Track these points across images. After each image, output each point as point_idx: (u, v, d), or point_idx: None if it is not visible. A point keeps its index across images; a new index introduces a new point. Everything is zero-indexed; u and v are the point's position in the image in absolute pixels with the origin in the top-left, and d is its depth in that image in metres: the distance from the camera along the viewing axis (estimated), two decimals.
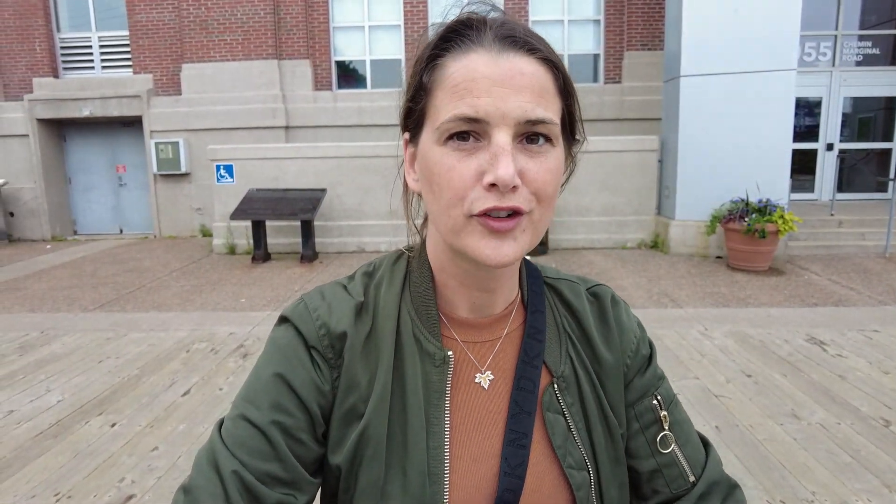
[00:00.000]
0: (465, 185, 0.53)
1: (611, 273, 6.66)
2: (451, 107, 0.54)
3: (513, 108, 0.52)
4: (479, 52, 0.54)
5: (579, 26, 10.10)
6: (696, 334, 4.56)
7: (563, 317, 0.72)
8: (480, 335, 0.67)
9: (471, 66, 0.54)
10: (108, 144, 10.66)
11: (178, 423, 3.22)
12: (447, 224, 0.56)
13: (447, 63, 0.56)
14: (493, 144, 0.53)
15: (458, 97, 0.53)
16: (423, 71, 0.57)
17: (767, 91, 7.06)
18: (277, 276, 6.87)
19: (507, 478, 0.61)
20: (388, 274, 0.69)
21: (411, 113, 0.60)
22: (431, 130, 0.56)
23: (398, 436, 0.61)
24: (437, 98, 0.56)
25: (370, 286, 0.68)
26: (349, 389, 0.63)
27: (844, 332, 4.54)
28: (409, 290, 0.67)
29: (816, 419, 3.14)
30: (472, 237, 0.55)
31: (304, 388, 0.62)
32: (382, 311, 0.65)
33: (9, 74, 10.36)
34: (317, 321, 0.64)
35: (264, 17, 9.81)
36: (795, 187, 9.19)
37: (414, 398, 0.62)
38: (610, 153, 8.04)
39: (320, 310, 0.66)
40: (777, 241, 6.65)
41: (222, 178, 8.33)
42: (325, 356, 0.63)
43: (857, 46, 9.67)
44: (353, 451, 0.61)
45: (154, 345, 4.52)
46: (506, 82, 0.53)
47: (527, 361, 0.66)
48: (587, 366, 0.69)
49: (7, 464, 2.81)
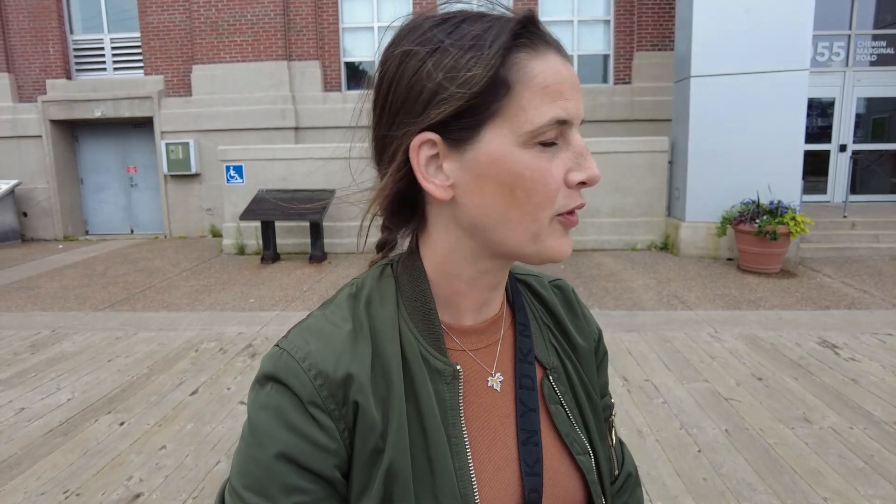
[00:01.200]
0: (559, 186, 0.55)
1: (620, 275, 6.62)
2: (544, 109, 0.52)
3: (581, 110, 0.56)
4: (553, 54, 0.54)
5: (589, 27, 10.06)
6: (706, 336, 4.52)
7: (538, 310, 0.73)
8: (482, 339, 0.66)
9: (555, 68, 0.53)
10: (120, 145, 10.76)
11: (186, 422, 3.23)
12: (530, 228, 0.55)
13: (526, 61, 0.52)
14: (575, 144, 0.55)
15: (550, 99, 0.52)
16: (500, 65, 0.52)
17: (779, 91, 6.99)
18: (286, 276, 6.90)
19: (529, 478, 0.61)
20: (377, 292, 0.63)
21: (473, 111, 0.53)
22: (512, 132, 0.52)
23: (422, 462, 0.57)
24: (523, 98, 0.52)
25: (358, 308, 0.61)
26: (366, 431, 0.56)
27: (857, 335, 4.48)
28: (405, 307, 0.62)
29: (828, 423, 3.10)
30: (552, 237, 0.56)
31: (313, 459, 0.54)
32: (381, 333, 0.60)
33: (23, 76, 10.48)
34: (309, 371, 0.55)
35: (274, 19, 9.86)
36: (808, 189, 9.10)
37: (432, 421, 0.58)
38: (619, 154, 8.00)
39: (311, 357, 0.56)
40: (788, 243, 6.58)
41: (232, 179, 8.38)
42: (327, 409, 0.55)
43: (871, 46, 9.56)
44: (381, 492, 0.56)
45: (163, 344, 4.54)
46: (577, 86, 0.55)
47: (522, 359, 0.66)
48: (569, 353, 0.71)
49: (17, 461, 2.84)
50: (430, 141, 0.55)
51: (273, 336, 4.67)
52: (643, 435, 3.03)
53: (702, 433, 3.03)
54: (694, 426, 3.11)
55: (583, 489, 0.65)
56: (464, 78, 0.51)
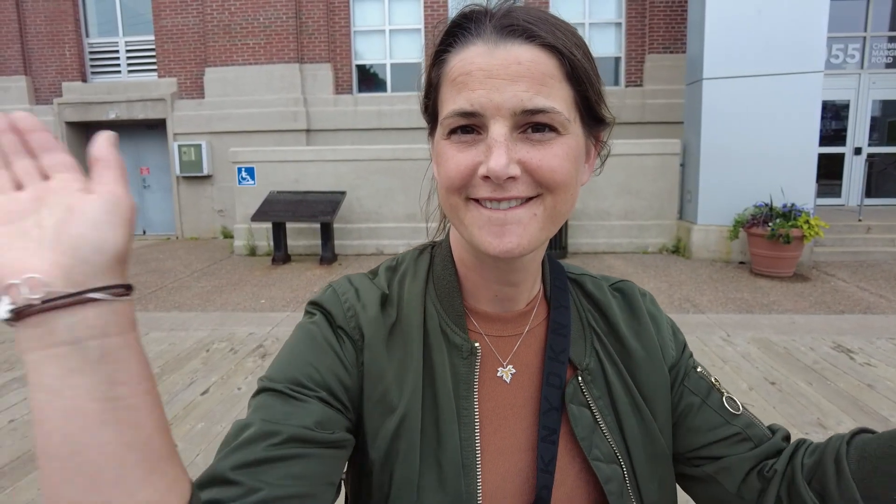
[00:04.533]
0: (462, 174, 0.54)
1: (631, 278, 6.55)
2: (451, 102, 0.54)
3: (507, 98, 0.51)
4: (476, 44, 0.54)
5: (600, 29, 10.04)
6: (718, 340, 4.47)
7: (587, 311, 0.71)
8: (504, 329, 0.67)
9: (468, 59, 0.54)
10: (133, 147, 10.87)
11: (197, 421, 3.25)
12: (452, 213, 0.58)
13: (449, 58, 0.56)
14: (489, 137, 0.53)
15: (456, 91, 0.54)
16: (432, 67, 0.58)
17: (793, 94, 6.92)
18: (297, 277, 6.93)
19: (543, 475, 0.61)
20: (412, 268, 0.70)
21: (426, 109, 0.62)
22: (440, 125, 0.57)
23: (430, 428, 0.61)
24: (442, 93, 0.57)
25: (394, 280, 0.69)
26: (376, 378, 0.62)
27: (873, 340, 4.42)
28: (433, 284, 0.67)
29: (843, 429, 3.05)
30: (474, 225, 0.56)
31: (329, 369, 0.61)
32: (408, 304, 0.66)
33: (39, 79, 10.63)
34: (345, 304, 0.65)
35: (286, 22, 9.93)
36: (822, 192, 8.99)
37: (444, 390, 0.62)
38: (631, 156, 7.96)
39: (348, 294, 0.66)
40: (802, 247, 6.51)
41: (244, 181, 8.43)
42: (351, 337, 0.63)
43: (886, 48, 9.45)
44: (388, 444, 0.60)
45: (174, 344, 4.57)
46: (500, 73, 0.52)
47: (553, 357, 0.66)
48: (615, 359, 0.69)
49: (32, 457, 2.86)
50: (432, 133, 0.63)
51: (283, 336, 4.69)
52: None
53: None
54: None
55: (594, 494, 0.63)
56: (421, 82, 0.62)
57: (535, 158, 0.53)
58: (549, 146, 0.53)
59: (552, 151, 0.53)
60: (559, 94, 0.53)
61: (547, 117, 0.52)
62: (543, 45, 0.53)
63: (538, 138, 0.53)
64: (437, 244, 0.72)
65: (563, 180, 0.54)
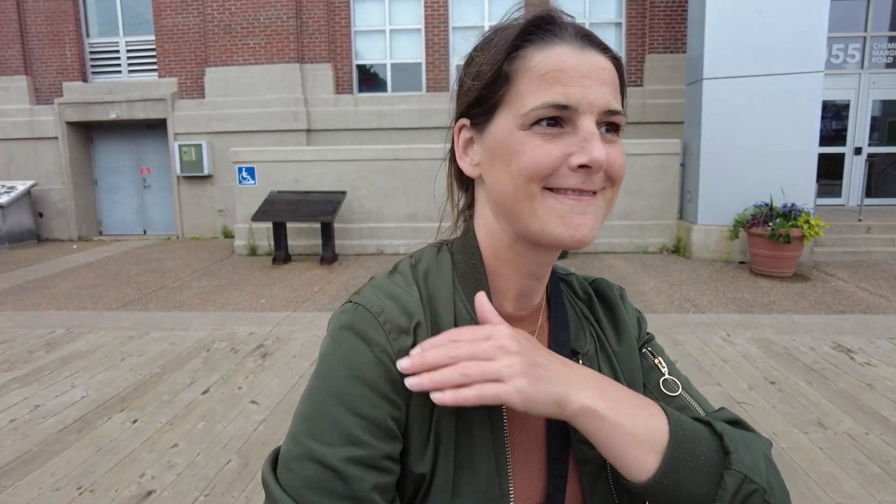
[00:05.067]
0: (554, 162, 0.56)
1: (632, 277, 6.58)
2: (540, 94, 0.56)
3: (598, 97, 0.57)
4: (563, 45, 0.58)
5: (601, 29, 10.03)
6: (719, 340, 4.48)
7: (578, 305, 0.76)
8: (522, 327, 0.68)
9: (559, 58, 0.57)
10: (134, 147, 10.88)
11: (198, 420, 3.26)
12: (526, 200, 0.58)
13: (531, 54, 0.58)
14: (582, 129, 0.56)
15: (547, 85, 0.56)
16: (504, 60, 0.59)
17: (793, 94, 6.92)
18: (297, 277, 6.93)
19: (559, 464, 0.65)
20: (435, 265, 0.68)
21: (484, 100, 0.61)
22: (514, 116, 0.58)
23: (463, 429, 0.61)
24: (521, 85, 0.58)
25: (419, 278, 0.66)
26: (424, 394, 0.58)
27: (873, 340, 4.42)
28: (459, 282, 0.66)
29: (843, 428, 3.06)
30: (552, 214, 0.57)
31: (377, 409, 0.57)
32: (438, 303, 0.64)
33: (40, 79, 10.64)
34: (385, 325, 0.59)
35: (287, 22, 9.93)
36: (822, 192, 8.99)
37: None
38: (631, 156, 7.95)
39: (386, 312, 0.60)
40: (802, 247, 6.51)
41: (244, 181, 8.44)
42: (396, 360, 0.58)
43: (886, 48, 9.45)
44: (433, 452, 0.59)
45: (175, 343, 4.58)
46: (591, 75, 0.57)
47: (558, 350, 0.68)
48: (605, 347, 0.73)
49: (32, 457, 2.87)
50: (465, 125, 0.65)
51: (284, 336, 4.70)
52: None
53: None
54: None
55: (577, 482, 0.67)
56: (475, 73, 0.61)
57: (611, 154, 0.58)
58: (618, 145, 0.60)
59: (620, 150, 0.60)
60: (620, 100, 0.61)
61: (619, 118, 0.59)
62: (612, 59, 0.60)
63: (610, 137, 0.59)
64: (451, 242, 0.71)
65: (623, 175, 0.61)
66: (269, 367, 4.06)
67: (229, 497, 2.53)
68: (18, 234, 9.93)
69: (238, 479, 2.66)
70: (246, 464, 2.80)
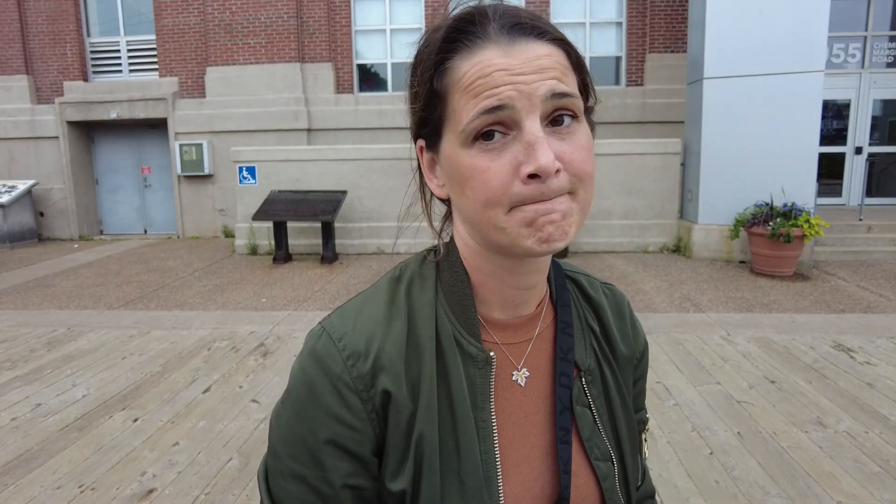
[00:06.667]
0: (504, 182, 0.51)
1: (632, 277, 6.59)
2: (471, 106, 0.51)
3: (537, 87, 0.51)
4: (488, 46, 0.52)
5: (601, 28, 10.03)
6: (719, 339, 4.48)
7: (584, 310, 0.72)
8: (516, 335, 0.65)
9: (484, 63, 0.51)
10: (134, 146, 10.88)
11: (199, 419, 3.26)
12: (492, 222, 0.54)
13: (457, 64, 0.53)
14: (525, 133, 0.50)
15: (474, 95, 0.51)
16: (433, 77, 0.55)
17: (794, 93, 6.92)
18: (298, 276, 6.94)
19: (564, 475, 0.62)
20: (418, 277, 0.65)
21: (426, 122, 0.58)
22: (454, 135, 0.54)
23: (449, 443, 0.59)
24: (454, 102, 0.54)
25: (399, 291, 0.64)
26: (398, 413, 0.59)
27: (873, 339, 4.43)
28: (443, 293, 0.64)
29: (843, 427, 3.06)
30: (519, 227, 0.52)
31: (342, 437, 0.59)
32: (419, 315, 0.62)
33: (41, 78, 10.64)
34: (343, 352, 0.59)
35: (287, 21, 9.94)
36: (822, 192, 8.99)
37: (461, 403, 0.60)
38: (632, 156, 7.96)
39: (346, 337, 0.60)
40: (803, 246, 6.51)
41: (245, 180, 8.45)
42: (356, 390, 0.58)
43: (887, 48, 9.44)
44: (413, 467, 0.58)
45: (176, 342, 4.59)
46: (523, 70, 0.51)
47: (563, 357, 0.66)
48: (609, 359, 0.70)
49: (34, 455, 2.88)
50: (423, 146, 0.61)
51: (284, 335, 4.70)
52: (655, 437, 3.01)
53: (714, 435, 3.01)
54: (706, 428, 3.09)
55: (597, 493, 0.64)
56: (413, 96, 0.59)
57: (566, 151, 0.52)
58: (574, 136, 0.53)
59: (578, 142, 0.53)
60: (573, 81, 0.55)
61: (570, 102, 0.52)
62: (552, 40, 0.54)
63: (564, 130, 0.53)
64: (436, 250, 0.68)
65: (590, 170, 0.54)
66: (270, 365, 4.07)
67: (230, 495, 2.54)
68: (19, 233, 9.93)
69: (239, 478, 2.67)
70: (247, 462, 2.80)
